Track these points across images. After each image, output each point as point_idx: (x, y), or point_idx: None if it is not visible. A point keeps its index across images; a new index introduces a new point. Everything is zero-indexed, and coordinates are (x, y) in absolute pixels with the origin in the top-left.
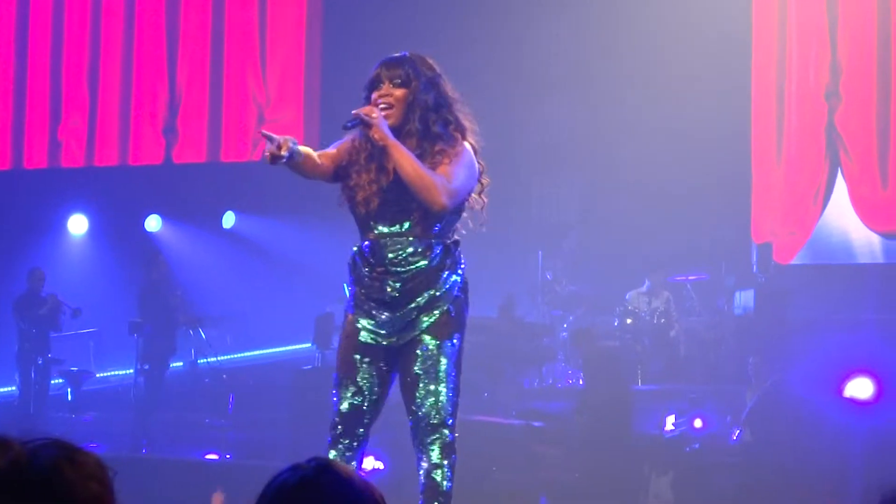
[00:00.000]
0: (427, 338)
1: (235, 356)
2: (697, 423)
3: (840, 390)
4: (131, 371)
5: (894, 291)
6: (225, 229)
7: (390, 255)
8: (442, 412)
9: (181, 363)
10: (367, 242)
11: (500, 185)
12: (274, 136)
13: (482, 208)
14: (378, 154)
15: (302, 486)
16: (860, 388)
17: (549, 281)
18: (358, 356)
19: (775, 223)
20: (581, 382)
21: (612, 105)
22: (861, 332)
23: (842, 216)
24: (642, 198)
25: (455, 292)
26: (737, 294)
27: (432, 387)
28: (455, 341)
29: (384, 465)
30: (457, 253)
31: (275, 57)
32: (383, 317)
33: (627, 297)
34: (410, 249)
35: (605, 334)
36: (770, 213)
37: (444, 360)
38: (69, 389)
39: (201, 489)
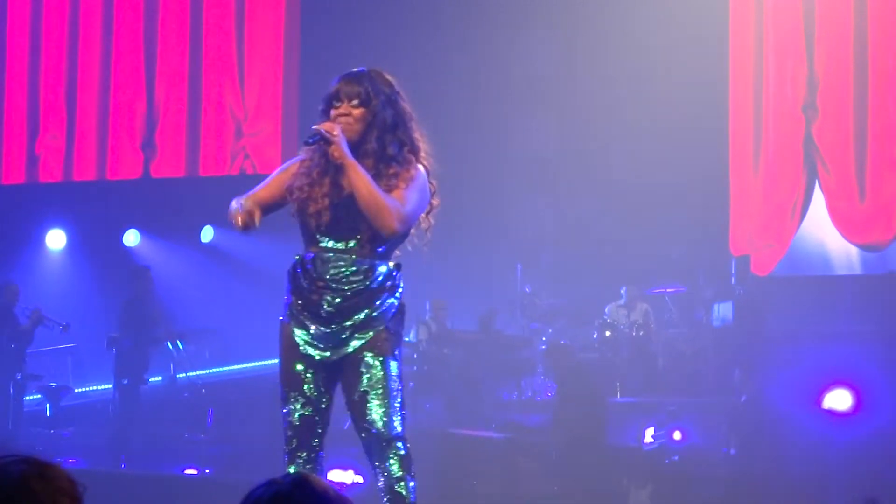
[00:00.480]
0: (369, 355)
1: (214, 370)
2: (676, 435)
3: (819, 402)
4: (110, 386)
5: (872, 303)
6: (203, 244)
7: (332, 272)
8: (395, 426)
9: (160, 378)
10: (310, 255)
11: (480, 199)
12: (247, 205)
13: (428, 229)
14: (332, 169)
15: (276, 500)
16: (839, 399)
17: (528, 294)
18: (301, 367)
19: (753, 235)
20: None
21: (589, 120)
22: (839, 344)
23: (819, 228)
24: (621, 211)
25: (391, 313)
26: (715, 306)
27: (383, 403)
28: (397, 357)
29: (363, 479)
30: (397, 276)
31: (252, 71)
32: (318, 331)
33: (606, 309)
34: (354, 268)
35: (584, 347)
36: (748, 225)
37: (388, 376)
38: (48, 405)
39: None
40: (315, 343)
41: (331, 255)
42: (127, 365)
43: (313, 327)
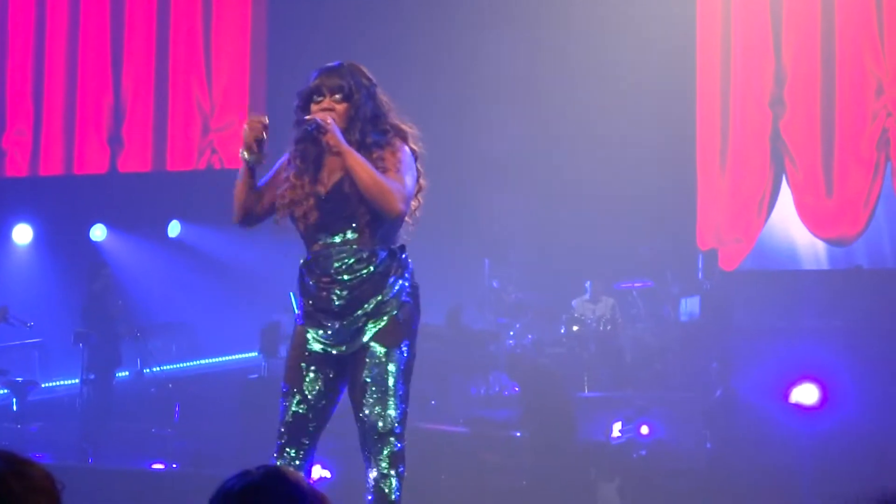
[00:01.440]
0: (375, 345)
1: (181, 365)
2: (644, 429)
3: (786, 396)
4: (77, 381)
5: (839, 298)
6: (170, 238)
7: (336, 265)
8: (390, 421)
9: (127, 373)
10: (311, 255)
11: (447, 194)
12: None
13: (416, 209)
14: (312, 167)
15: (247, 492)
16: (806, 394)
17: (496, 289)
18: (304, 364)
19: (720, 230)
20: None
21: (557, 115)
22: (806, 339)
23: (787, 223)
24: (589, 205)
25: (403, 297)
26: (682, 301)
27: (380, 395)
28: (404, 349)
29: (331, 473)
30: (403, 257)
31: (220, 65)
32: (333, 326)
33: (573, 304)
34: (356, 257)
35: (551, 341)
36: (715, 219)
37: (392, 368)
38: (14, 400)
39: (148, 499)
40: (332, 339)
41: (331, 249)
42: (94, 360)
43: (328, 324)
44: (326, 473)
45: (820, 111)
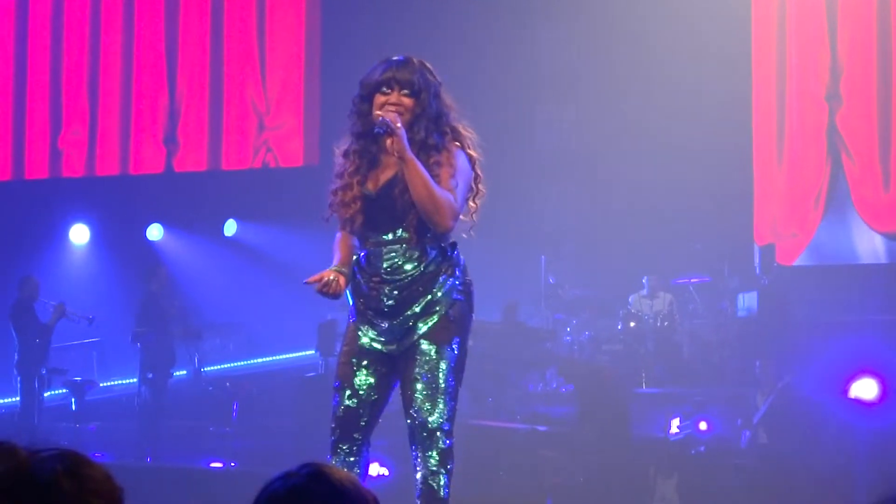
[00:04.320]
0: (425, 343)
1: (238, 364)
2: (702, 425)
3: (845, 391)
4: (135, 380)
5: None
6: (226, 237)
7: (385, 265)
8: (440, 417)
9: (184, 371)
10: (364, 252)
11: (504, 190)
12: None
13: (473, 213)
14: (365, 167)
15: (293, 494)
16: (865, 388)
17: (552, 285)
18: (356, 360)
19: (777, 225)
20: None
21: (613, 109)
22: (865, 333)
23: (844, 217)
24: (645, 201)
25: (454, 295)
26: (740, 296)
27: (430, 391)
28: (454, 346)
29: (389, 471)
30: (454, 255)
31: (274, 65)
32: (383, 326)
33: (630, 300)
34: (406, 257)
35: (608, 338)
36: (772, 214)
37: (442, 365)
38: (73, 399)
39: (206, 498)
40: (382, 338)
41: (381, 248)
42: (152, 359)
43: (378, 323)
44: (384, 471)
45: (877, 104)
